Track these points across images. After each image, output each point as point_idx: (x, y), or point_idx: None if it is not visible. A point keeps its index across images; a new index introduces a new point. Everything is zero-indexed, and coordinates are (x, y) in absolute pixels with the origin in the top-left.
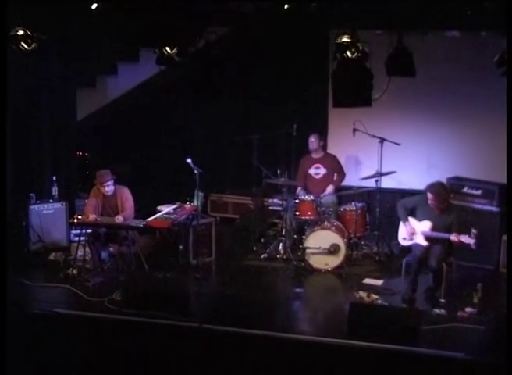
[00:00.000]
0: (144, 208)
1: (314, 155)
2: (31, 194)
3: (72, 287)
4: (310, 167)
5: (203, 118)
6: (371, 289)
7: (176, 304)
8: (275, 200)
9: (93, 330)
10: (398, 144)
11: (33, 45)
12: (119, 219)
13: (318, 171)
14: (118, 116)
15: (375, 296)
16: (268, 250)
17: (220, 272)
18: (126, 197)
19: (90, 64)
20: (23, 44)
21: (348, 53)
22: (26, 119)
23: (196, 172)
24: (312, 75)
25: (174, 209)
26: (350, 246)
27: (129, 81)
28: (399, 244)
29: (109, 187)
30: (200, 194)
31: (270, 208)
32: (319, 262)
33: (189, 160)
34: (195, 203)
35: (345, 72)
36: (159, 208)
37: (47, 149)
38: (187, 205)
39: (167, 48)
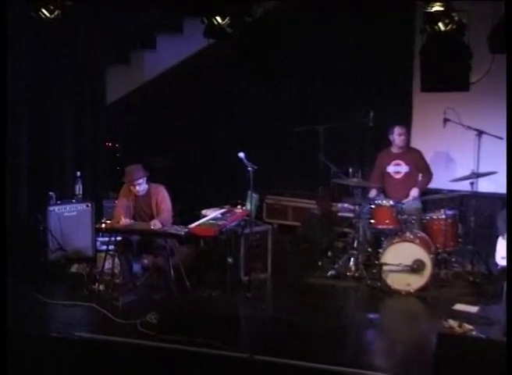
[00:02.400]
0: (186, 211)
1: (395, 150)
2: (51, 193)
3: (98, 306)
4: (388, 164)
5: (259, 103)
6: (463, 317)
7: (223, 329)
8: (346, 204)
9: (122, 358)
10: (500, 138)
11: (56, 12)
12: (155, 224)
13: (398, 169)
14: (156, 100)
15: (468, 326)
16: (336, 266)
17: (277, 291)
18: (163, 197)
19: (123, 36)
20: (44, 11)
21: (440, 25)
22: (45, 103)
23: (249, 169)
24: (393, 52)
25: (222, 214)
26: (437, 263)
27: (170, 57)
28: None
29: (141, 187)
30: (255, 195)
31: (339, 214)
32: (399, 281)
33: (241, 155)
34: (248, 207)
35: (436, 48)
36: (204, 212)
37: (70, 139)
38: (238, 210)
39: (217, 18)
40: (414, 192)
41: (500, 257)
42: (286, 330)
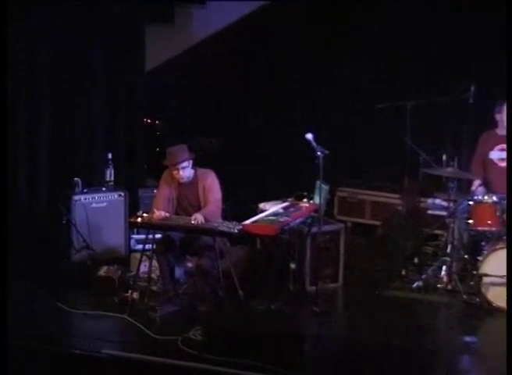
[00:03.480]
0: (240, 205)
1: (501, 132)
2: (76, 179)
3: (131, 317)
4: (492, 149)
5: (332, 74)
6: None
7: (283, 350)
8: (438, 200)
9: None
10: None
11: None
12: (196, 218)
13: (504, 155)
14: (205, 67)
15: None
16: (424, 276)
17: (350, 305)
18: (211, 185)
19: None
20: None
21: None
22: (71, 71)
23: (319, 154)
24: (501, 9)
25: (284, 209)
26: None
27: (222, 16)
28: None
29: (185, 172)
30: (325, 187)
31: (429, 212)
32: (503, 297)
33: (309, 136)
34: (316, 200)
35: None
36: (262, 205)
37: (100, 114)
38: (304, 204)
39: None
40: None
41: None
42: (361, 354)
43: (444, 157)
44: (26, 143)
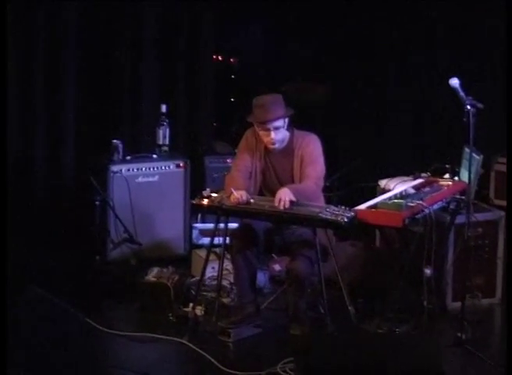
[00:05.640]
0: (351, 182)
1: None
2: (115, 142)
3: (193, 343)
4: None
5: None
6: None
7: None
8: None
9: None
10: None
11: None
12: (281, 199)
13: None
14: None
15: None
16: None
17: None
18: (312, 155)
19: None
20: None
21: None
22: None
23: (469, 108)
24: None
25: (417, 189)
26: None
27: None
28: None
29: (278, 135)
30: (477, 157)
31: None
32: None
33: (455, 82)
34: (464, 177)
35: None
36: (384, 183)
37: (150, 49)
38: (445, 181)
39: None
40: None
41: None
42: None
43: None
44: (43, 87)
